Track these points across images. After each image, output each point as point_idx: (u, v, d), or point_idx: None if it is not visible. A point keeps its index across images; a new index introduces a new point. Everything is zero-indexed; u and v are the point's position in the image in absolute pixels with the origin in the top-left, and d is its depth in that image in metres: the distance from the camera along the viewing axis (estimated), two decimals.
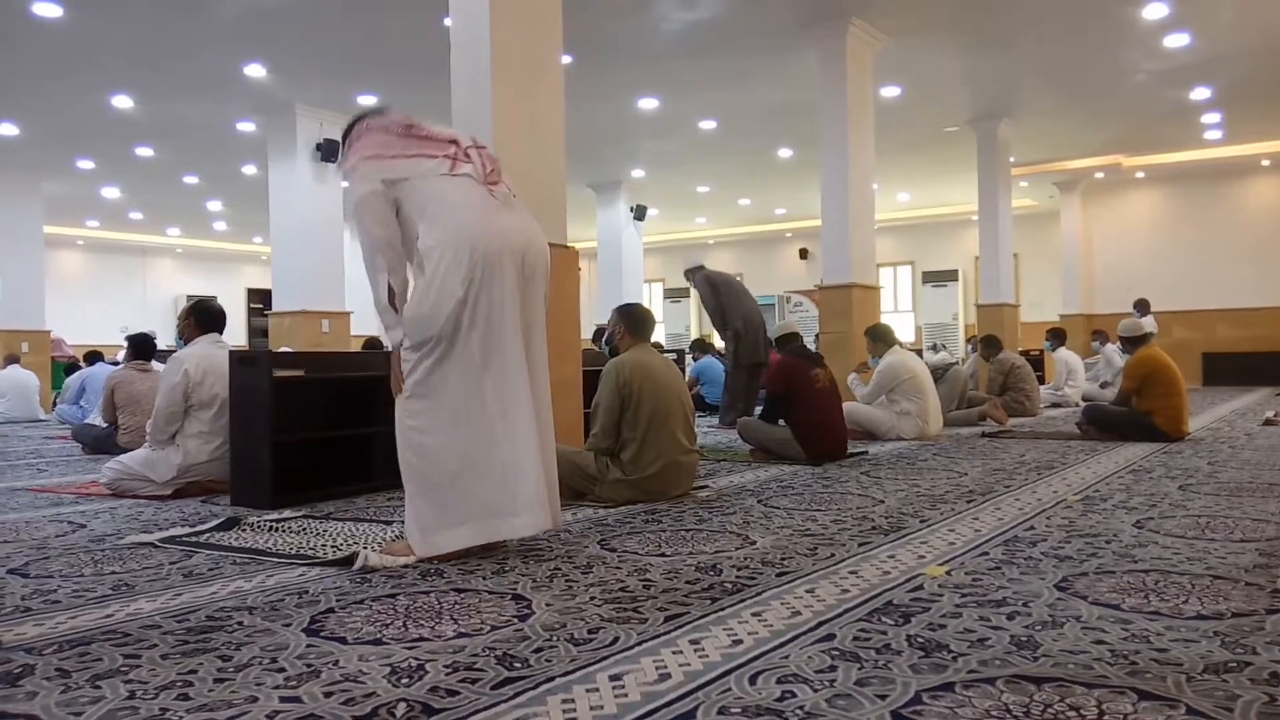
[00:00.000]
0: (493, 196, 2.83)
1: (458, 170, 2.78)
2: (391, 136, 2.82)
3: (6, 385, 10.28)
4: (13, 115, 10.67)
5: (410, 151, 2.79)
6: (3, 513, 3.90)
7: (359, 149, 2.86)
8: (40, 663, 1.82)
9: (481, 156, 2.89)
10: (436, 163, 2.78)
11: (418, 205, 2.74)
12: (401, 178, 2.75)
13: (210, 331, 4.55)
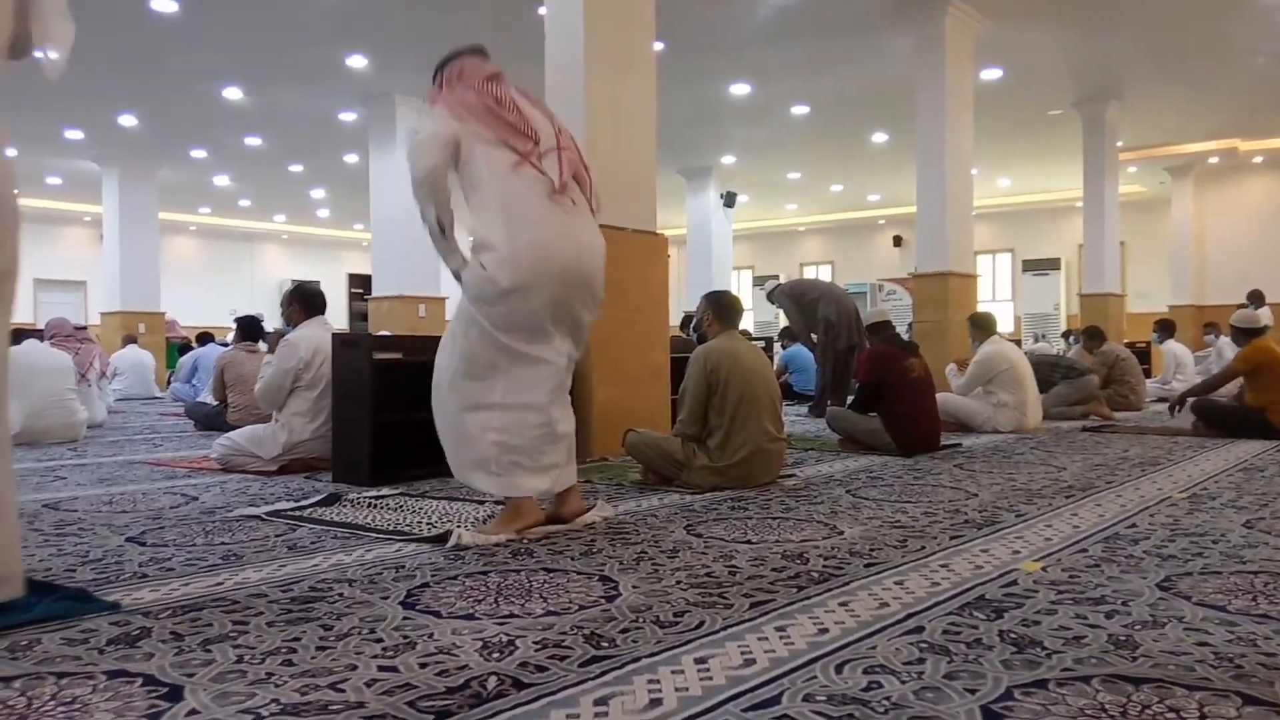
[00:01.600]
0: (554, 204, 2.81)
1: (520, 170, 2.77)
2: (483, 108, 2.81)
3: (125, 364, 10.84)
4: (133, 107, 11.22)
5: (491, 133, 2.79)
6: (122, 484, 4.14)
7: (446, 99, 2.86)
8: (156, 626, 1.93)
9: (561, 162, 2.85)
10: (506, 154, 2.77)
11: (476, 179, 2.77)
12: (471, 148, 2.77)
13: (315, 314, 4.72)
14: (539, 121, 2.89)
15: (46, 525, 3.09)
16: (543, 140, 2.85)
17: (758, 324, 19.24)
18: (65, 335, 7.25)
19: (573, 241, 2.84)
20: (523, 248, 2.72)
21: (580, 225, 2.90)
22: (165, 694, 1.53)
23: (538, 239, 2.75)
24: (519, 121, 2.83)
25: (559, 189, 2.81)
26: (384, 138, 10.84)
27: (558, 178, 2.81)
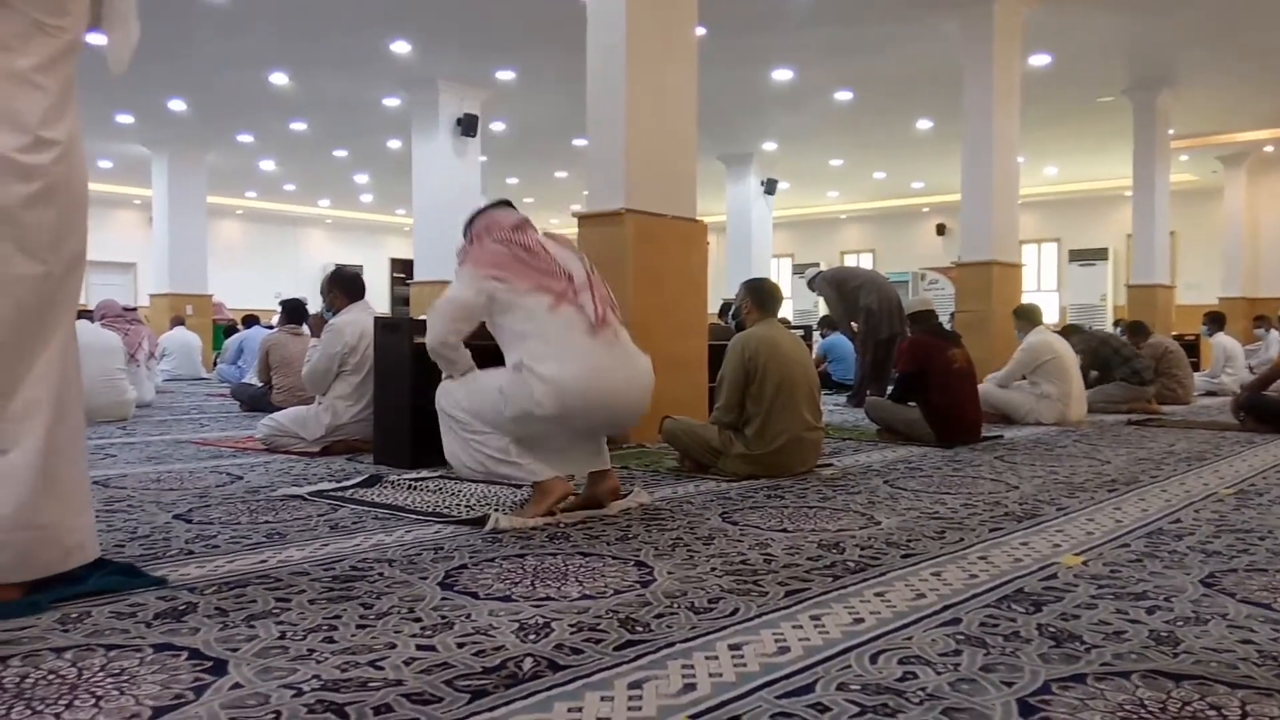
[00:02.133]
0: (596, 339, 2.86)
1: (558, 310, 2.83)
2: (512, 258, 2.88)
3: (173, 345, 11.05)
4: (182, 92, 11.40)
5: (524, 283, 2.85)
6: (169, 463, 4.23)
7: (474, 258, 2.95)
8: (201, 601, 1.97)
9: (595, 298, 2.91)
10: (544, 298, 2.83)
11: (519, 330, 2.85)
12: (509, 301, 2.85)
13: (356, 299, 4.77)
14: (568, 260, 2.96)
15: (97, 502, 3.17)
16: (575, 277, 2.92)
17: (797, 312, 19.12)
18: (115, 316, 7.41)
19: (620, 375, 2.91)
20: (570, 379, 2.78)
21: (626, 357, 2.96)
22: (210, 667, 1.57)
23: (585, 372, 2.81)
24: (549, 264, 2.90)
25: (598, 322, 2.87)
26: (426, 123, 10.92)
27: (593, 313, 2.88)
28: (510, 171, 16.59)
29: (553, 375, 2.76)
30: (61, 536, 1.94)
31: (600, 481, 3.05)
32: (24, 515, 1.85)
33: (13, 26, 1.90)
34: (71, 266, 1.99)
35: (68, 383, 2.00)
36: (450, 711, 1.40)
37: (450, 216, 10.82)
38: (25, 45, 1.92)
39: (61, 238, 1.94)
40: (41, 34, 1.95)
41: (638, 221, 5.12)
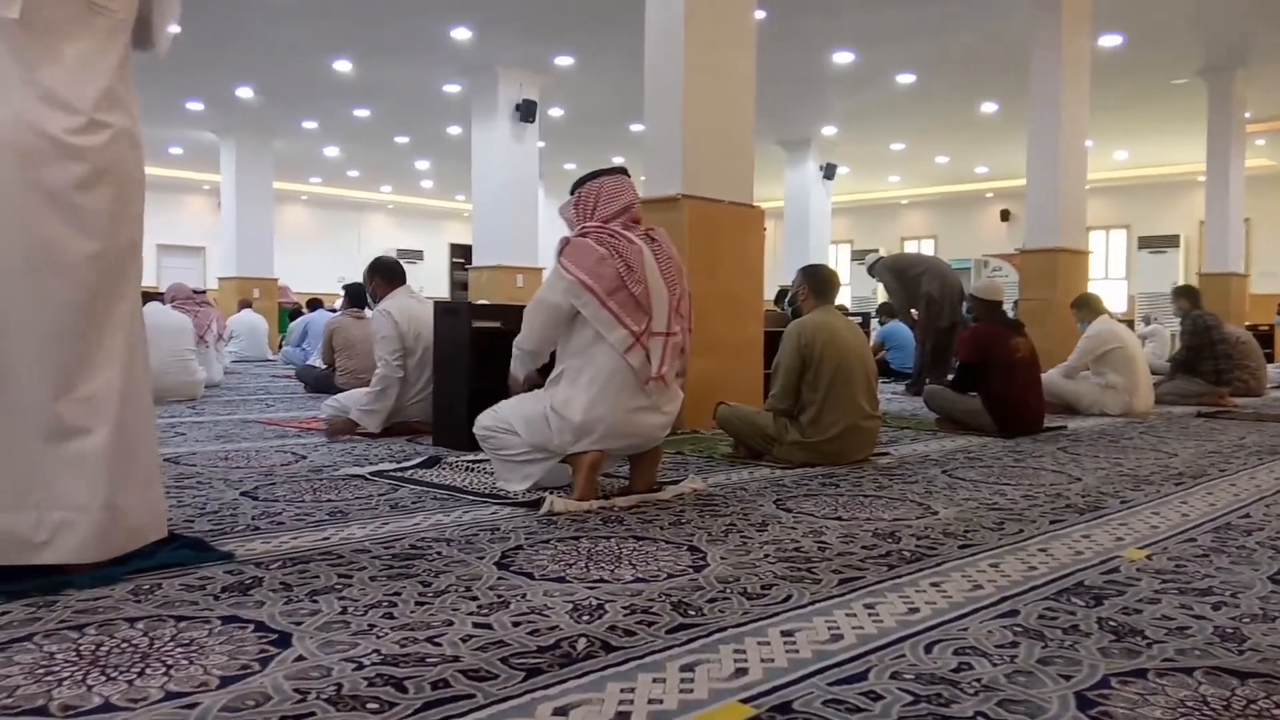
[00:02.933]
0: (644, 390, 2.94)
1: (630, 354, 2.88)
2: (612, 270, 2.89)
3: (240, 328, 11.33)
4: (250, 79, 11.65)
5: (612, 304, 2.87)
6: (236, 441, 4.35)
7: (580, 251, 2.93)
8: (267, 576, 2.03)
9: (666, 348, 2.94)
10: (622, 335, 2.88)
11: (581, 343, 2.93)
12: (586, 317, 2.90)
13: (397, 284, 4.80)
14: (658, 291, 2.95)
15: (168, 478, 3.28)
16: (655, 320, 2.93)
17: (855, 299, 18.92)
18: (185, 298, 7.63)
19: (647, 415, 2.98)
20: (594, 422, 2.88)
21: (659, 401, 3.00)
22: (274, 640, 1.62)
23: (615, 417, 2.90)
24: (641, 296, 2.91)
25: (655, 378, 2.92)
26: (486, 110, 11.00)
27: (657, 367, 2.92)
28: (568, 157, 16.65)
29: (578, 414, 2.87)
30: (132, 517, 2.00)
31: (639, 472, 3.10)
32: (98, 497, 1.92)
33: (65, 9, 1.95)
34: (131, 248, 2.04)
35: (136, 364, 2.05)
36: (505, 688, 1.43)
37: (509, 202, 10.91)
38: (78, 28, 1.97)
39: (118, 219, 1.99)
40: (94, 15, 1.99)
41: (694, 207, 5.11)
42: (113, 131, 1.98)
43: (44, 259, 1.89)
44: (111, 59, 2.01)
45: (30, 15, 1.89)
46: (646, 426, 2.99)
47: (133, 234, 2.05)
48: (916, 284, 7.51)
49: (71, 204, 1.91)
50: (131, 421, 2.01)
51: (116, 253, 2.00)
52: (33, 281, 1.88)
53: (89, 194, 1.94)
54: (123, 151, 2.01)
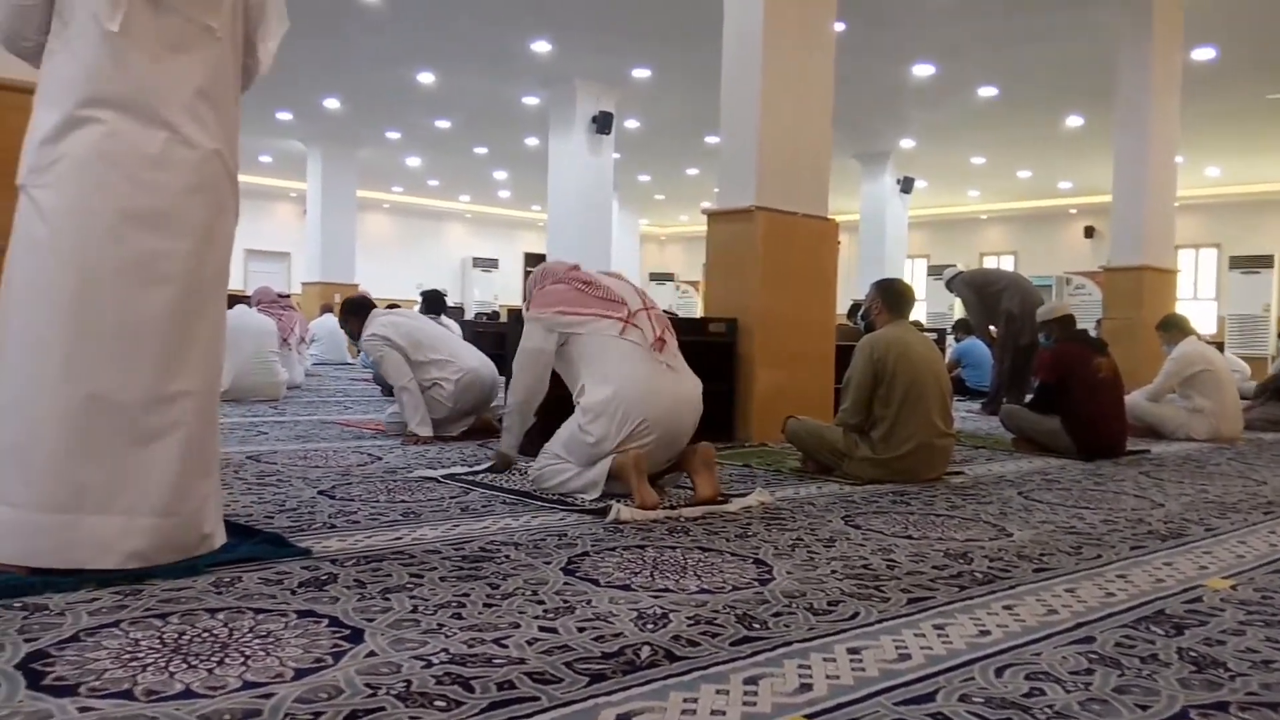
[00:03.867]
0: (657, 359, 3.17)
1: (626, 335, 3.15)
2: (573, 291, 3.26)
3: (322, 331, 11.63)
4: (336, 90, 11.99)
5: (589, 309, 3.21)
6: (315, 441, 4.47)
7: (541, 297, 3.32)
8: (341, 573, 2.09)
9: (651, 319, 3.24)
10: (610, 323, 3.17)
11: (586, 354, 3.18)
12: (577, 332, 3.19)
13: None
14: (624, 290, 3.32)
15: (250, 475, 3.39)
16: (630, 303, 3.25)
17: (931, 315, 18.57)
18: (270, 302, 7.87)
19: (671, 396, 3.14)
20: (616, 397, 3.05)
21: (678, 381, 3.23)
22: (348, 635, 1.67)
23: (643, 394, 3.07)
24: (608, 293, 3.27)
25: (656, 341, 3.18)
26: (563, 121, 11.13)
27: (652, 332, 3.20)
28: (642, 169, 16.73)
29: (603, 399, 3.04)
30: (199, 522, 2.08)
31: (698, 476, 3.12)
32: (172, 503, 2.01)
33: (174, 26, 2.04)
34: (218, 264, 2.13)
35: (214, 371, 2.15)
36: (569, 692, 1.44)
37: (583, 213, 11.01)
38: (186, 43, 2.05)
39: (206, 235, 2.08)
40: (200, 32, 2.08)
41: (768, 219, 5.09)
42: (207, 150, 2.07)
43: (136, 269, 1.97)
44: (212, 75, 2.10)
45: (131, 28, 1.98)
46: (671, 391, 3.14)
47: (221, 251, 2.13)
48: (996, 300, 7.34)
49: (163, 218, 1.99)
50: (204, 431, 2.09)
51: (205, 266, 2.08)
52: (124, 290, 1.96)
53: (180, 209, 2.02)
54: (216, 171, 2.10)
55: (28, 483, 1.91)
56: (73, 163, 1.95)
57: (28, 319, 1.95)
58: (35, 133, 1.99)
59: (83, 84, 1.96)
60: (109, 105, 1.96)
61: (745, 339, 5.11)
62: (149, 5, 2.00)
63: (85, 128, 1.95)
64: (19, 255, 1.98)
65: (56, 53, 2.00)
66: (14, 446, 1.92)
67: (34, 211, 1.97)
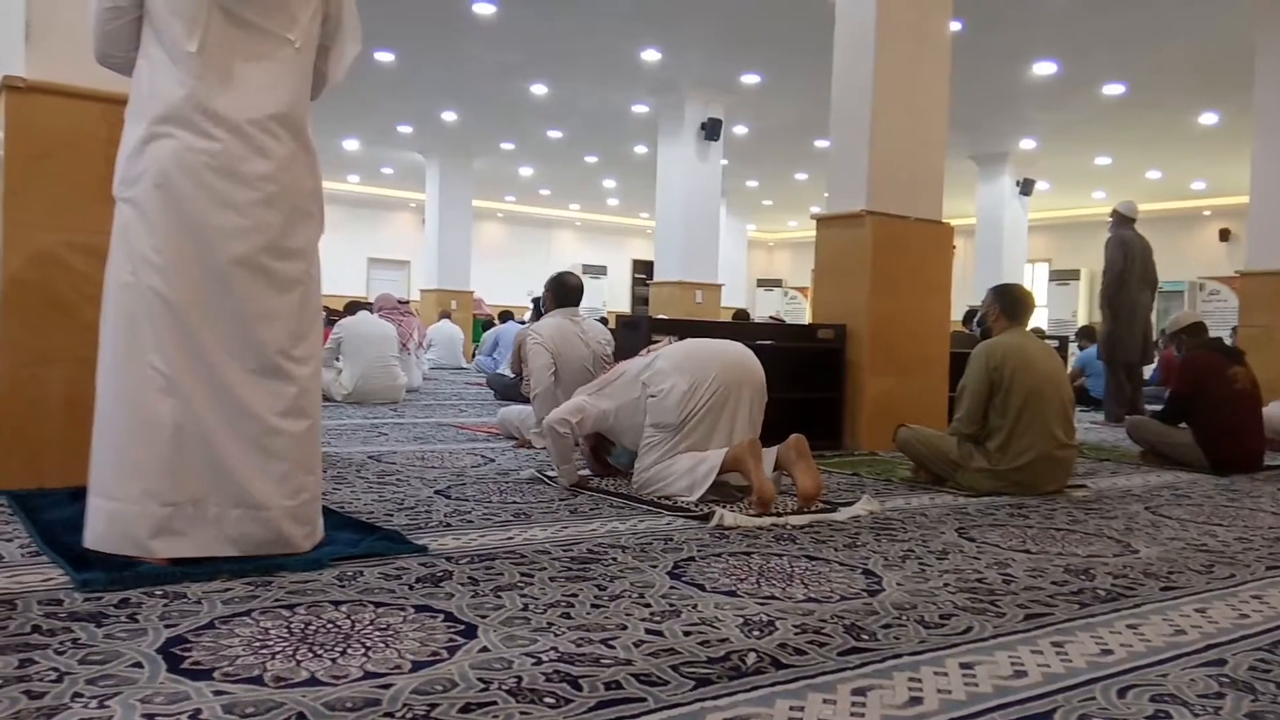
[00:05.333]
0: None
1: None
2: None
3: (439, 337, 11.99)
4: (454, 104, 12.35)
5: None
6: (432, 443, 4.62)
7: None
8: (456, 570, 2.15)
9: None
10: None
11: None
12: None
13: (565, 305, 4.75)
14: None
15: (371, 475, 3.53)
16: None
17: (1052, 321, 17.88)
18: (391, 308, 8.16)
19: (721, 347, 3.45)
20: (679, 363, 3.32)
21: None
22: (461, 630, 1.72)
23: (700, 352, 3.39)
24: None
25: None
26: (672, 128, 11.18)
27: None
28: (750, 174, 16.65)
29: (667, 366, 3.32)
30: (307, 516, 2.19)
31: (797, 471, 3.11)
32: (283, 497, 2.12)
33: (252, 39, 2.13)
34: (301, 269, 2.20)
35: (314, 368, 2.25)
36: (675, 695, 1.45)
37: (691, 219, 11.04)
38: (264, 55, 2.15)
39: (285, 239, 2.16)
40: (278, 45, 2.17)
41: (878, 223, 5.01)
42: (283, 159, 2.14)
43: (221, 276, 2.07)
44: (289, 86, 2.18)
45: (209, 45, 2.08)
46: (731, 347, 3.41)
47: (304, 256, 2.20)
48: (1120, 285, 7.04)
49: (241, 228, 2.08)
50: (309, 429, 2.19)
51: (288, 270, 2.16)
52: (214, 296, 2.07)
53: (259, 219, 2.10)
54: (293, 179, 2.17)
55: (139, 478, 2.02)
56: (155, 176, 2.05)
57: (126, 326, 2.07)
58: (124, 146, 2.12)
59: (163, 100, 2.06)
60: (187, 120, 2.06)
61: (855, 345, 5.03)
62: (227, 21, 2.10)
63: (165, 141, 2.05)
64: (117, 262, 2.11)
65: (142, 69, 2.13)
66: (121, 445, 2.04)
67: (126, 221, 2.09)
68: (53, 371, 2.94)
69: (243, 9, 2.11)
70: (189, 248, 2.06)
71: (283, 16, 2.17)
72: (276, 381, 2.12)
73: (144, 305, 2.04)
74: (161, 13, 2.08)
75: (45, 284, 2.94)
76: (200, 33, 2.06)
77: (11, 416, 2.92)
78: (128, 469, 2.03)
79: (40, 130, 2.94)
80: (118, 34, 2.15)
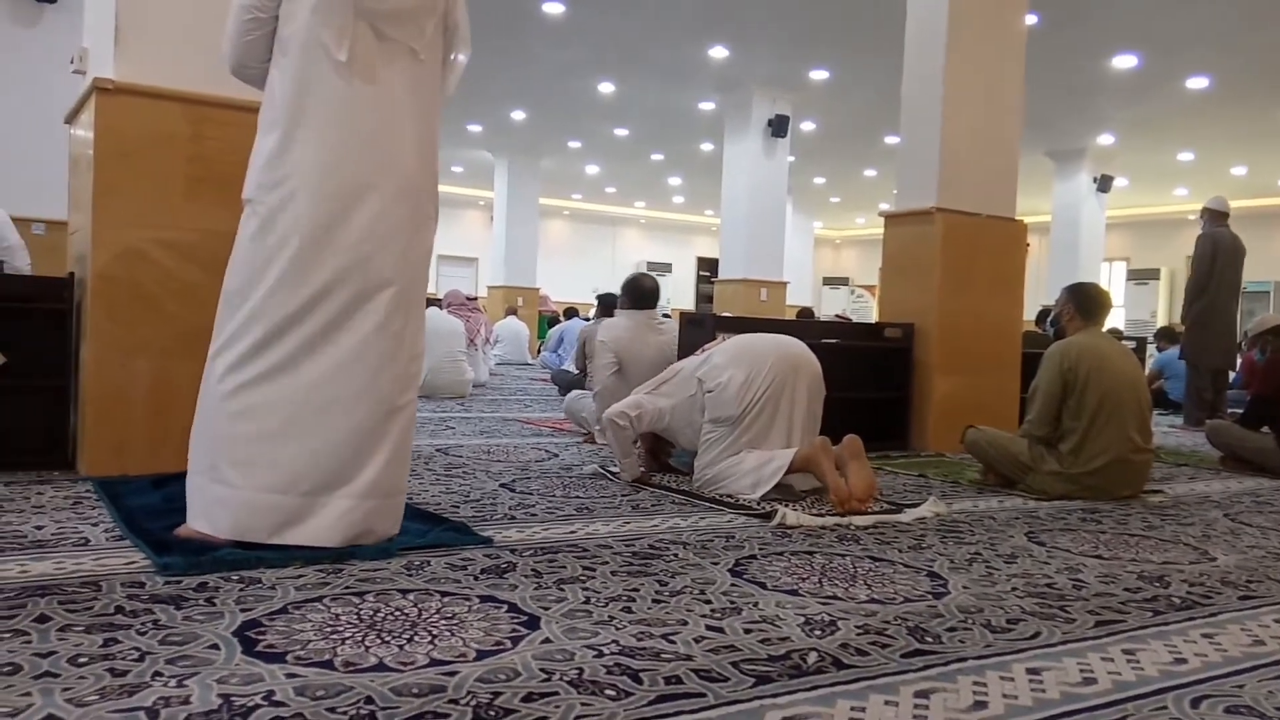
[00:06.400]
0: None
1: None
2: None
3: (505, 333, 12.14)
4: (522, 103, 12.49)
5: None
6: (497, 437, 4.68)
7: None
8: (520, 562, 2.19)
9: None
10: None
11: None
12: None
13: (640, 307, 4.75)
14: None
15: (438, 467, 3.60)
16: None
17: (1130, 322, 17.35)
18: (459, 304, 8.29)
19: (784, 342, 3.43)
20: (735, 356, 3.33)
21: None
22: (525, 621, 1.75)
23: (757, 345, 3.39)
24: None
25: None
26: (739, 125, 11.14)
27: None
28: (817, 171, 16.49)
29: (723, 362, 3.32)
30: (398, 508, 2.29)
31: (848, 471, 3.07)
32: (387, 490, 2.22)
33: (388, 50, 2.21)
34: (425, 264, 2.34)
35: (420, 370, 2.36)
36: (735, 691, 1.46)
37: (756, 216, 10.98)
38: (398, 65, 2.23)
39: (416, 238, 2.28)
40: (408, 55, 2.25)
41: (948, 220, 4.92)
42: (412, 165, 2.24)
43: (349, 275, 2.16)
44: (418, 95, 2.27)
45: (353, 56, 2.15)
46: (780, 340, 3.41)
47: (420, 259, 2.31)
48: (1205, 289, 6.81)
49: (371, 231, 2.17)
50: (411, 427, 2.30)
51: (407, 273, 2.25)
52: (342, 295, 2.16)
53: (390, 220, 2.20)
54: (419, 184, 2.27)
55: (253, 467, 2.11)
56: (296, 180, 2.14)
57: (248, 323, 2.15)
58: (261, 152, 2.20)
59: (303, 108, 2.15)
60: (326, 126, 2.14)
61: (923, 344, 4.96)
62: (370, 33, 2.18)
63: (305, 148, 2.14)
64: (241, 260, 2.19)
65: (277, 79, 2.20)
66: (237, 437, 2.13)
67: (259, 224, 2.17)
68: (137, 364, 3.06)
69: (380, 21, 2.19)
70: (320, 248, 2.14)
71: (412, 28, 2.25)
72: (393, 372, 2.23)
73: (268, 303, 2.13)
74: (306, 24, 2.15)
75: (131, 279, 3.05)
76: (349, 43, 2.14)
77: (98, 407, 3.04)
78: (244, 460, 2.11)
79: (127, 130, 3.06)
80: (256, 45, 2.23)
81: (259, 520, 2.10)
